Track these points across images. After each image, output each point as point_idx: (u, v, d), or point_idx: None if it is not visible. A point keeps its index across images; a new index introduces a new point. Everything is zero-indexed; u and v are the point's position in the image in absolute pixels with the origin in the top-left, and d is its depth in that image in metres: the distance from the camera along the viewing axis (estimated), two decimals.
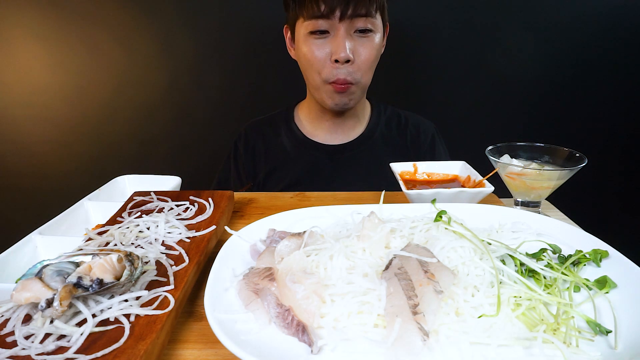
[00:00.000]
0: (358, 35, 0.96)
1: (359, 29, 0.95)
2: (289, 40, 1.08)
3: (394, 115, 1.20)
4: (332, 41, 0.95)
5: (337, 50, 0.94)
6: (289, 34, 1.07)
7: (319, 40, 0.96)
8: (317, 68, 0.99)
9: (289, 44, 1.09)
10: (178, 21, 1.51)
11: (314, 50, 0.97)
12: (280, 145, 1.15)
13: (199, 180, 1.55)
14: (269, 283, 0.48)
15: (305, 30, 0.97)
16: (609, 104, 1.62)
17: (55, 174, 1.71)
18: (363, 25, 0.95)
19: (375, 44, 0.99)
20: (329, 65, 0.97)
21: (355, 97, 1.04)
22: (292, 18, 1.01)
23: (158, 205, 0.69)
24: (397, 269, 0.47)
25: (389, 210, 0.66)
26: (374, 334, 0.42)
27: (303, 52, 0.99)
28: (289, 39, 1.08)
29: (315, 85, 1.03)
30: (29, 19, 1.50)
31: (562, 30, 1.52)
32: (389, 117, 1.19)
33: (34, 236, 0.62)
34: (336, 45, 0.94)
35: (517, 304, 0.45)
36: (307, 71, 1.02)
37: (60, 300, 0.40)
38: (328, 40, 0.96)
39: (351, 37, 0.95)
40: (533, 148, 0.81)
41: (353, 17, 0.93)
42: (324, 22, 0.94)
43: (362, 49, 0.97)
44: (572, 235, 0.59)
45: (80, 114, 1.63)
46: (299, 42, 1.01)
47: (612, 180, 1.71)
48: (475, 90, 1.60)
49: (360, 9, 0.92)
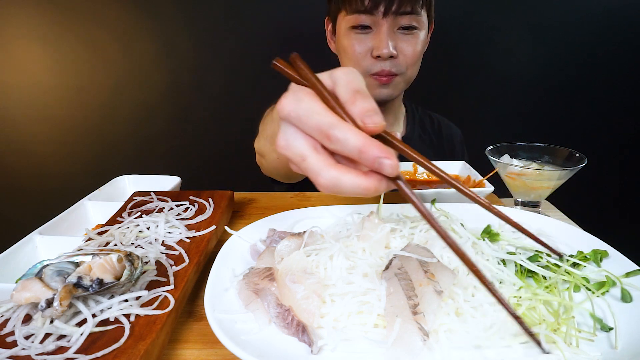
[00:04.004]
0: (402, 32, 0.92)
1: (403, 26, 0.91)
2: (330, 32, 1.05)
3: (425, 116, 1.17)
4: (374, 37, 0.92)
5: (380, 46, 0.90)
6: (329, 27, 1.04)
7: (361, 36, 0.92)
8: (357, 61, 0.94)
9: (329, 36, 1.06)
10: (178, 21, 1.51)
11: (354, 44, 0.93)
12: None
13: (199, 180, 1.55)
14: (269, 283, 0.48)
15: (347, 24, 0.93)
16: (609, 104, 1.62)
17: (55, 174, 1.71)
18: (407, 23, 0.91)
19: (419, 41, 0.94)
20: (369, 59, 0.93)
21: (400, 88, 1.00)
22: (334, 11, 0.98)
23: (158, 205, 0.69)
24: (397, 269, 0.47)
25: (389, 210, 0.66)
26: (374, 334, 0.42)
27: (344, 46, 0.96)
28: (330, 31, 1.04)
29: None
30: (29, 19, 1.50)
31: (562, 30, 1.52)
32: (422, 118, 1.16)
33: (34, 236, 0.62)
34: (378, 42, 0.90)
35: (517, 304, 0.45)
36: (347, 65, 0.98)
37: (60, 300, 0.40)
38: (370, 36, 0.92)
39: (394, 34, 0.91)
40: (533, 148, 0.81)
41: (397, 14, 0.89)
42: (367, 17, 0.90)
43: (405, 46, 0.93)
44: (572, 235, 0.59)
45: (80, 114, 1.63)
46: (339, 35, 0.97)
47: (612, 180, 1.71)
48: (475, 90, 1.60)
49: (405, 5, 0.88)
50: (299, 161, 0.35)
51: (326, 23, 1.05)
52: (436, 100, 1.61)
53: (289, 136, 0.36)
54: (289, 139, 0.36)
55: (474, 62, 1.56)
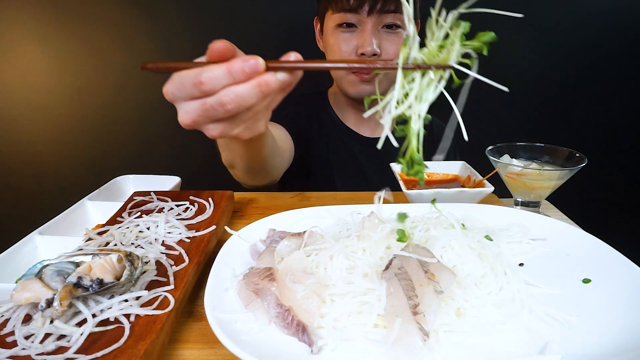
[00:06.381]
0: (385, 30, 0.95)
1: (387, 24, 0.94)
2: (318, 32, 1.08)
3: None
4: (359, 35, 0.95)
5: (364, 44, 0.93)
6: (318, 26, 1.07)
7: (346, 34, 0.96)
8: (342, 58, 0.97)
9: (318, 35, 1.09)
10: (178, 21, 1.51)
11: (340, 42, 0.96)
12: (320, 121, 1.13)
13: (199, 180, 1.55)
14: (269, 283, 0.48)
15: (333, 23, 0.97)
16: (609, 104, 1.62)
17: (55, 174, 1.71)
18: (391, 21, 0.94)
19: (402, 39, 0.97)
20: (354, 57, 0.96)
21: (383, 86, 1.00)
22: (322, 10, 1.02)
23: (158, 205, 0.69)
24: (397, 269, 0.47)
25: (389, 210, 0.66)
26: (374, 334, 0.42)
27: (330, 44, 0.99)
28: (319, 30, 1.07)
29: (338, 75, 1.03)
30: (29, 19, 1.50)
31: (562, 30, 1.52)
32: None
33: (34, 236, 0.62)
34: (362, 40, 0.93)
35: None
36: None
37: (60, 300, 0.40)
38: (355, 34, 0.95)
39: (378, 33, 0.94)
40: (533, 148, 0.81)
41: (382, 13, 0.92)
42: (352, 15, 0.93)
43: (389, 45, 0.96)
44: (572, 235, 0.59)
45: (80, 114, 1.63)
46: (327, 34, 1.01)
47: (612, 180, 1.71)
48: (475, 90, 1.60)
49: (389, 4, 0.91)
50: (205, 120, 0.42)
51: (315, 23, 1.08)
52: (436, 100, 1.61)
53: (183, 110, 0.42)
54: (185, 112, 0.42)
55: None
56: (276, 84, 0.41)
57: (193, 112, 0.42)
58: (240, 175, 0.82)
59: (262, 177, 0.84)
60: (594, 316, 0.45)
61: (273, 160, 0.79)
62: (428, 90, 0.43)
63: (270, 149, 0.72)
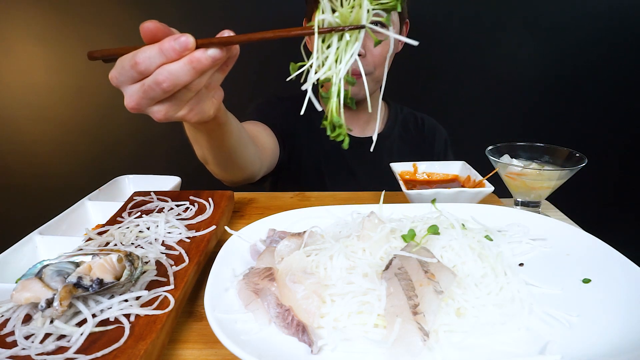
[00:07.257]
0: None
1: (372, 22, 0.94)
2: None
3: (410, 116, 1.20)
4: None
5: None
6: None
7: None
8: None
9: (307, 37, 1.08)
10: (178, 21, 1.51)
11: None
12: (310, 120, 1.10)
13: (199, 180, 1.54)
14: (269, 283, 0.48)
15: None
16: (609, 104, 1.62)
17: (55, 174, 1.71)
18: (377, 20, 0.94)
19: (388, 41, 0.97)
20: None
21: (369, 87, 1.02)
22: (310, 11, 1.02)
23: (158, 205, 0.69)
24: (397, 269, 0.47)
25: (389, 210, 0.66)
26: (374, 334, 0.42)
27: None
28: None
29: None
30: (29, 19, 1.50)
31: (562, 30, 1.52)
32: (405, 117, 1.19)
33: (34, 236, 0.62)
34: None
35: None
36: None
37: (60, 300, 0.40)
38: None
39: None
40: (533, 148, 0.81)
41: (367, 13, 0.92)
42: None
43: (372, 45, 0.94)
44: (572, 235, 0.59)
45: (80, 114, 1.63)
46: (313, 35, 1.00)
47: (611, 180, 1.71)
48: (475, 90, 1.60)
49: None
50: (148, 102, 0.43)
51: (304, 24, 1.09)
52: (436, 100, 1.61)
53: (127, 94, 0.44)
54: (129, 95, 0.44)
55: (473, 62, 1.56)
56: (207, 60, 0.42)
57: (135, 94, 0.44)
58: (214, 168, 0.81)
59: (236, 171, 0.82)
60: (594, 316, 0.45)
61: (243, 153, 0.77)
62: (346, 52, 0.44)
63: (236, 139, 0.71)
